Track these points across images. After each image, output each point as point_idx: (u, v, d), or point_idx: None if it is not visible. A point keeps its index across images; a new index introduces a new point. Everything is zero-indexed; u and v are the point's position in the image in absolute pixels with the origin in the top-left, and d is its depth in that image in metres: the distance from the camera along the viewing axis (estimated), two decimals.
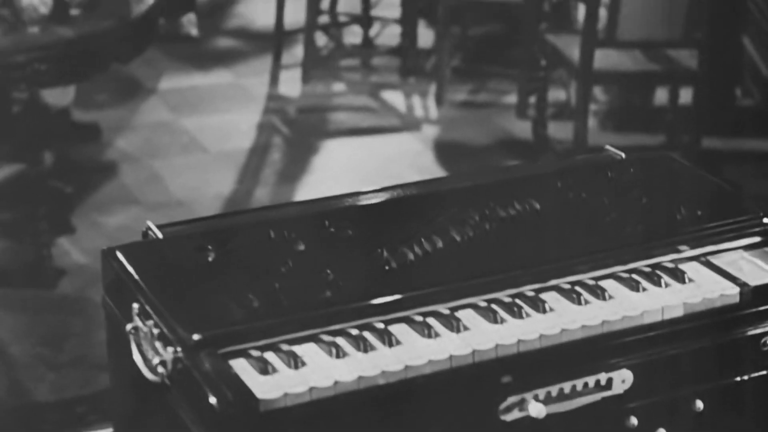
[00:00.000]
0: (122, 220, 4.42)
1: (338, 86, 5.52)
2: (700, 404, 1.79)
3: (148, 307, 1.67)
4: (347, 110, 5.28)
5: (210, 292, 1.71)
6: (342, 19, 5.97)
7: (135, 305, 1.68)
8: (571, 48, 4.65)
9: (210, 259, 1.77)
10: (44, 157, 4.37)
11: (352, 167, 4.75)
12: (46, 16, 3.89)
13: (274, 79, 5.53)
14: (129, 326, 1.69)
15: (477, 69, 5.62)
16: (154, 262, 1.77)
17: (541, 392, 1.68)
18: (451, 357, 1.64)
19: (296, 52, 5.63)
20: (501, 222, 1.86)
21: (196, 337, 1.60)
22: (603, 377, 1.71)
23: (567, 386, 1.69)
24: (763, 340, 1.80)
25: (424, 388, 1.63)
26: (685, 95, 4.81)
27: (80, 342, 3.70)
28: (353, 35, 5.90)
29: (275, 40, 5.62)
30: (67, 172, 4.57)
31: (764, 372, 1.82)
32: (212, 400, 1.53)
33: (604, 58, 4.60)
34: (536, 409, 1.67)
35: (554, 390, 1.69)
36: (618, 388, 1.73)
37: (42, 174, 4.28)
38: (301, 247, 1.80)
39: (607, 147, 2.08)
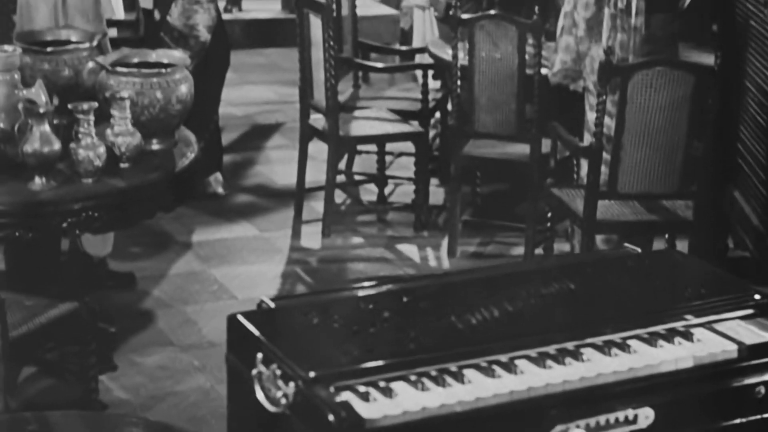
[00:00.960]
0: (159, 360, 4.91)
1: (356, 239, 6.08)
2: None
3: (270, 355, 2.18)
4: (365, 261, 5.83)
5: (317, 344, 2.24)
6: (358, 178, 6.58)
7: (259, 354, 2.20)
8: (576, 201, 5.19)
9: (314, 321, 2.30)
10: (90, 300, 4.87)
11: None
12: (99, 168, 4.38)
13: (296, 233, 6.10)
14: (254, 371, 2.20)
15: (486, 223, 6.20)
16: (271, 324, 2.29)
17: (582, 423, 2.19)
18: (511, 392, 2.16)
19: (316, 207, 6.22)
20: (544, 297, 2.40)
21: (312, 374, 2.12)
22: (630, 413, 2.23)
23: (602, 419, 2.21)
24: (756, 389, 2.32)
25: (490, 415, 2.14)
26: (681, 245, 5.35)
27: None
28: (369, 193, 6.50)
29: (297, 198, 6.22)
30: (109, 315, 5.08)
31: (758, 416, 2.33)
32: (330, 417, 2.04)
33: (605, 210, 5.13)
34: None
35: (592, 422, 2.20)
36: (643, 423, 2.24)
37: (91, 314, 4.76)
38: (386, 314, 2.33)
39: (626, 245, 2.64)
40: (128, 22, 6.64)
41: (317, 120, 6.08)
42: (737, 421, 2.32)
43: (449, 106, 6.29)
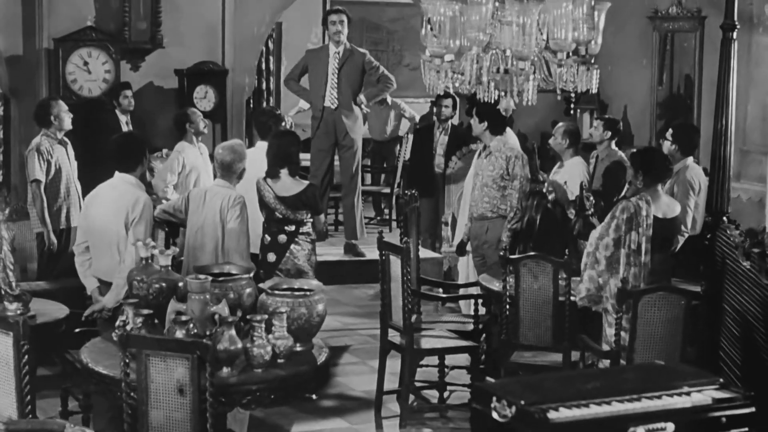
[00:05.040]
0: None
1: (426, 430, 10.11)
2: None
3: (500, 396, 6.34)
4: None
5: (522, 392, 6.43)
6: (420, 385, 10.72)
7: (494, 396, 6.36)
8: None
9: (517, 385, 6.49)
10: None
11: None
12: (267, 361, 8.20)
13: (378, 425, 10.15)
14: (492, 404, 6.35)
15: None
16: (496, 384, 6.47)
17: (642, 427, 6.40)
18: (618, 411, 6.38)
19: (391, 407, 10.29)
20: (621, 379, 6.65)
21: (523, 402, 6.31)
22: (662, 425, 6.44)
23: (650, 426, 6.44)
24: (722, 419, 6.54)
25: (604, 421, 6.35)
26: None
27: None
28: (430, 397, 10.63)
29: (377, 399, 10.32)
30: None
31: None
32: (536, 416, 6.21)
33: None
34: None
35: (649, 426, 6.42)
36: (669, 430, 6.44)
37: None
38: (550, 383, 6.54)
39: (655, 361, 6.89)
40: None
41: (394, 337, 10.17)
42: None
43: (495, 328, 10.45)
